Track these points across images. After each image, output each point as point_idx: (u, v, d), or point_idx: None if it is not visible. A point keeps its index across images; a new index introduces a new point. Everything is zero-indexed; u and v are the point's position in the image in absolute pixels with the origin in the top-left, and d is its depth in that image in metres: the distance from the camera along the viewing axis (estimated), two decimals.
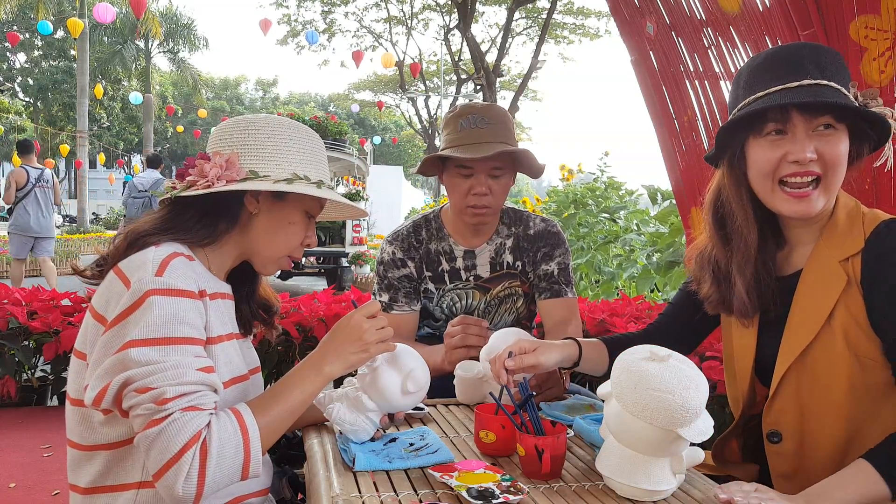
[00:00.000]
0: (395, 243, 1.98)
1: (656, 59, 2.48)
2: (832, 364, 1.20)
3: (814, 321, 1.21)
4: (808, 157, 1.15)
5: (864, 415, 1.19)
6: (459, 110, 1.89)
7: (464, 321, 1.76)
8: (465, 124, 1.83)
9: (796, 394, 1.25)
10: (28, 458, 2.53)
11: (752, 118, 1.20)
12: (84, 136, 24.18)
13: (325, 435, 1.37)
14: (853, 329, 1.18)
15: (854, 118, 1.17)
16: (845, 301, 1.19)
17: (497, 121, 1.83)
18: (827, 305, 1.20)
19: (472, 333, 1.73)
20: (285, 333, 3.01)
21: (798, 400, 1.25)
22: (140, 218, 1.22)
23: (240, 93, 54.37)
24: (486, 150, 1.75)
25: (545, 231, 1.99)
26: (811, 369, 1.23)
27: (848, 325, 1.18)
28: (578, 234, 5.88)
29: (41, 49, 36.30)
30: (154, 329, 1.03)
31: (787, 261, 1.31)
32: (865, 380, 1.19)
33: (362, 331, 1.21)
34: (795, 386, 1.25)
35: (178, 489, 0.97)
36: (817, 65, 1.16)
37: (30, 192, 7.25)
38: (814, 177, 1.18)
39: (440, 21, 22.75)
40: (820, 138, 1.16)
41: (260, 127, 1.24)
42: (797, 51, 1.20)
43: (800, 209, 1.20)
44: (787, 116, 1.17)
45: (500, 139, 1.81)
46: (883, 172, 1.93)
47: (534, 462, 1.16)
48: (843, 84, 1.17)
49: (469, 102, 1.93)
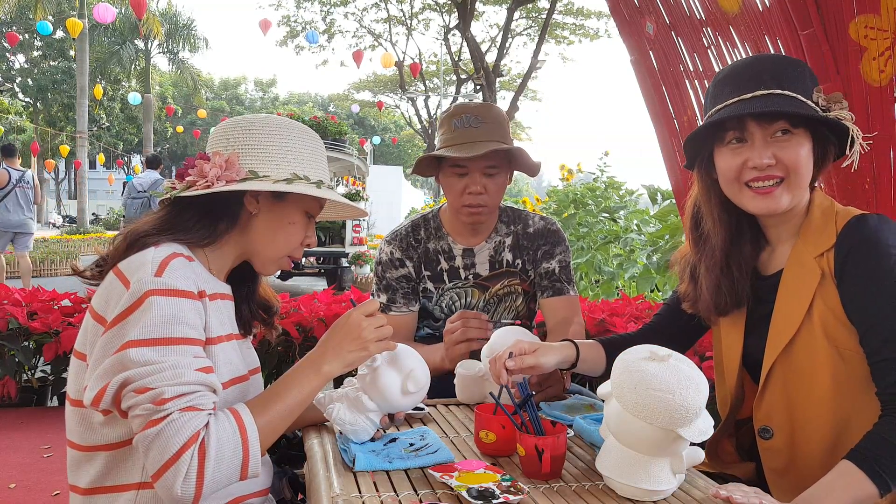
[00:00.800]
0: (393, 243, 1.98)
1: (656, 59, 2.48)
2: (814, 357, 1.24)
3: (795, 316, 1.26)
4: (765, 162, 1.23)
5: (851, 407, 1.21)
6: (453, 110, 1.89)
7: (463, 315, 1.76)
8: (459, 124, 1.83)
9: (783, 388, 1.29)
10: (28, 458, 2.53)
11: (715, 128, 1.28)
12: (84, 137, 24.17)
13: (326, 435, 1.36)
14: (831, 322, 1.23)
15: (812, 123, 1.23)
16: (822, 295, 1.24)
17: (490, 120, 1.83)
18: (805, 300, 1.25)
19: (472, 327, 1.73)
20: (285, 334, 3.01)
21: (785, 394, 1.29)
22: (139, 218, 1.22)
23: (239, 93, 54.36)
24: (480, 149, 1.76)
25: (545, 229, 1.99)
26: (795, 363, 1.27)
27: (826, 318, 1.23)
28: (578, 233, 5.87)
29: (41, 49, 36.30)
30: (153, 329, 1.03)
31: (770, 260, 1.37)
32: (847, 371, 1.22)
33: (360, 329, 1.20)
34: (782, 381, 1.29)
35: (176, 490, 0.97)
36: (774, 75, 1.23)
37: (10, 191, 7.91)
38: (776, 180, 1.24)
39: (440, 21, 22.77)
40: (777, 144, 1.23)
41: (259, 127, 1.24)
42: (756, 63, 1.28)
43: (765, 205, 1.26)
44: (744, 125, 1.25)
45: (494, 138, 1.81)
46: (882, 172, 1.93)
47: (534, 462, 1.16)
48: (805, 91, 1.23)
49: (463, 102, 1.93)
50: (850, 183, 1.98)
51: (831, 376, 1.23)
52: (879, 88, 1.89)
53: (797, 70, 1.25)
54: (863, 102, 1.92)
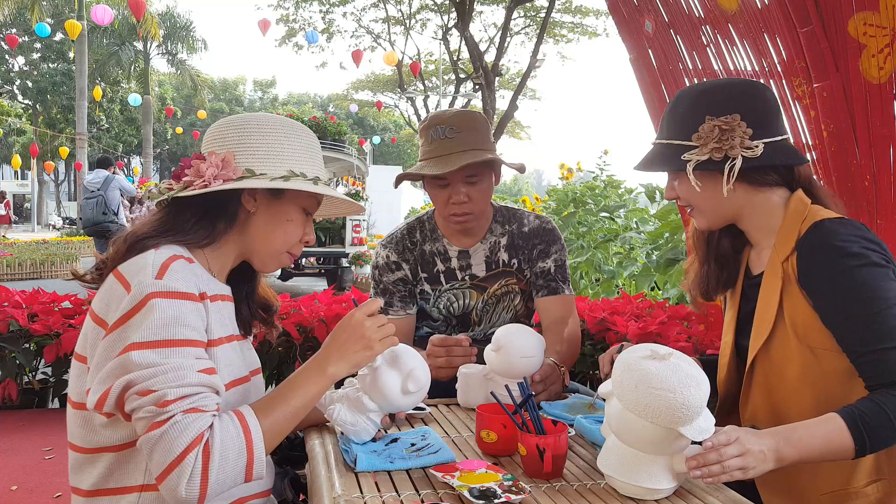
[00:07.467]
0: (389, 246, 1.98)
1: (655, 58, 2.48)
2: (787, 356, 1.31)
3: (770, 316, 1.32)
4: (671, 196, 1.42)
5: (833, 402, 1.23)
6: (429, 121, 1.87)
7: (445, 343, 1.70)
8: (435, 135, 1.82)
9: (765, 386, 1.35)
10: (30, 460, 2.53)
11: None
12: (83, 139, 24.16)
13: (327, 436, 1.37)
14: (800, 323, 1.29)
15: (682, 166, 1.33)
16: (787, 298, 1.30)
17: (466, 128, 1.81)
18: (775, 302, 1.32)
19: (457, 355, 1.69)
20: (286, 334, 3.01)
21: (766, 391, 1.35)
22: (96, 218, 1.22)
23: (238, 94, 54.33)
24: (455, 164, 1.75)
25: (540, 228, 1.99)
26: (774, 362, 1.33)
27: (795, 319, 1.29)
28: (578, 232, 5.86)
29: (40, 51, 36.28)
30: (155, 332, 1.03)
31: (757, 260, 1.43)
32: (821, 368, 1.27)
33: (364, 329, 1.20)
34: (763, 378, 1.35)
35: (180, 491, 0.97)
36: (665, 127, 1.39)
37: None
38: (690, 207, 1.41)
39: (438, 21, 22.73)
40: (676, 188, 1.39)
41: (254, 125, 1.23)
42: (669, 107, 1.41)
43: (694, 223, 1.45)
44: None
45: (471, 147, 1.79)
46: (882, 170, 1.93)
47: (535, 461, 1.16)
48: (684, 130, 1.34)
49: (439, 111, 1.90)
50: (851, 181, 1.98)
51: (802, 374, 1.29)
52: (879, 85, 1.89)
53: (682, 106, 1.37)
54: (862, 99, 1.92)
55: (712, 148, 1.29)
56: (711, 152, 1.29)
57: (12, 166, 28.37)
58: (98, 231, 7.91)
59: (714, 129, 1.29)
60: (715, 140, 1.29)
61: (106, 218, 7.83)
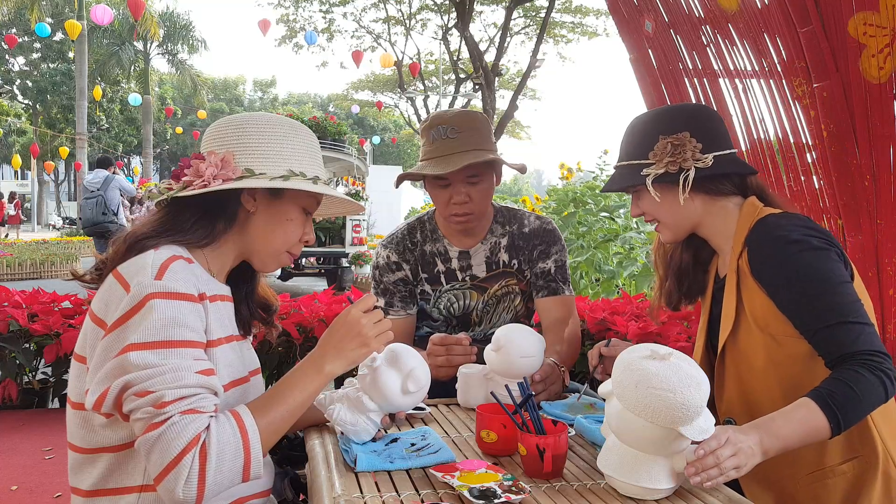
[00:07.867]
0: (389, 247, 1.98)
1: (655, 57, 2.47)
2: (753, 346, 1.39)
3: (732, 310, 1.42)
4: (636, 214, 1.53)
5: (798, 385, 1.29)
6: (430, 121, 1.87)
7: (445, 342, 1.71)
8: (436, 135, 1.82)
9: (736, 378, 1.43)
10: (30, 460, 2.53)
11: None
12: (83, 139, 24.16)
13: (327, 436, 1.37)
14: (760, 314, 1.38)
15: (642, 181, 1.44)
16: (745, 291, 1.40)
17: (467, 128, 1.81)
18: (734, 297, 1.41)
19: (457, 354, 1.69)
20: (286, 334, 3.00)
21: (738, 382, 1.43)
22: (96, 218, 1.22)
23: (238, 94, 54.31)
24: (456, 164, 1.75)
25: (540, 228, 1.99)
26: (742, 353, 1.42)
27: (754, 311, 1.38)
28: (578, 232, 5.86)
29: (40, 51, 36.27)
30: (153, 332, 1.03)
31: (722, 265, 1.53)
32: (785, 354, 1.36)
33: (360, 326, 1.19)
34: (735, 370, 1.44)
35: (178, 492, 0.97)
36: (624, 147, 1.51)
37: None
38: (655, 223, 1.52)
39: (438, 21, 22.72)
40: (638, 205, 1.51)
41: (254, 125, 1.23)
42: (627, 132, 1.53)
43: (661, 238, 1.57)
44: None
45: (472, 147, 1.79)
46: (882, 170, 1.93)
47: (535, 461, 1.16)
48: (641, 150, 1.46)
49: (440, 111, 1.91)
50: (850, 180, 1.98)
51: (767, 360, 1.37)
52: (879, 85, 1.89)
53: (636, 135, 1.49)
54: (862, 100, 1.92)
55: (667, 162, 1.41)
56: (667, 166, 1.41)
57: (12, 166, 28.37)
58: (98, 231, 7.90)
59: (667, 146, 1.42)
60: (669, 154, 1.41)
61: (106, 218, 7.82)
